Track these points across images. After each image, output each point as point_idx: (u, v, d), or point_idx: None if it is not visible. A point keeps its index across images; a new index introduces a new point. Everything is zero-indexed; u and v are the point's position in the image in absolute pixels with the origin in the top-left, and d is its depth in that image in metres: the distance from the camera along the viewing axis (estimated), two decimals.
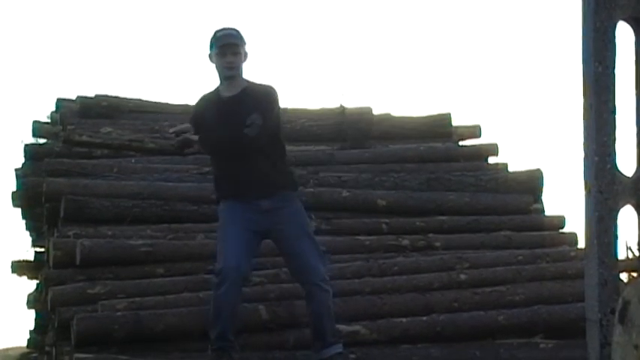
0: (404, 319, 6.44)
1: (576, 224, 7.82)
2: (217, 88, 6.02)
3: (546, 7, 18.46)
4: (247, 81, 5.96)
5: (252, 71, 6.14)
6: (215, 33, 5.89)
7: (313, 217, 7.21)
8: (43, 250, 8.26)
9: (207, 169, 7.80)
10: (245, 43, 5.88)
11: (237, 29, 5.91)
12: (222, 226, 5.93)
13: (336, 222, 7.38)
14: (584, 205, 3.49)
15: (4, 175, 8.58)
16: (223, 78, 5.92)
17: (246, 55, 5.89)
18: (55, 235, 7.18)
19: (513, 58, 18.51)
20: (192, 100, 9.53)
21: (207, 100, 6.03)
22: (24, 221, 8.50)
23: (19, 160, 8.33)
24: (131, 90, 13.15)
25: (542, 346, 6.41)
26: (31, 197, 7.83)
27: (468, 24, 19.17)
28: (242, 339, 6.10)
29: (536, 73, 19.64)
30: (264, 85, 5.99)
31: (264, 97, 5.89)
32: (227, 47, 5.81)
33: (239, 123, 5.77)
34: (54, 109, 9.18)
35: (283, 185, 5.96)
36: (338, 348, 5.89)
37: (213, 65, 5.92)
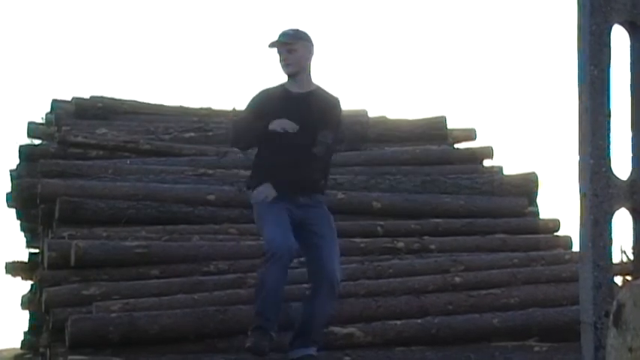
0: (399, 322, 6.43)
1: (571, 227, 7.84)
2: (282, 84, 6.14)
3: (542, 11, 18.47)
4: (316, 84, 6.12)
5: (253, 72, 6.17)
6: None
7: None
8: (37, 251, 8.26)
9: (202, 170, 7.81)
10: (306, 41, 6.04)
11: (298, 29, 6.09)
12: (265, 210, 5.95)
13: None
14: (579, 208, 3.49)
15: None
16: (286, 75, 6.09)
17: (309, 52, 6.06)
18: (50, 236, 7.17)
19: (509, 62, 18.52)
20: (187, 101, 9.57)
21: (272, 93, 6.13)
22: (19, 222, 8.49)
23: (14, 161, 8.33)
24: (126, 91, 13.16)
25: (536, 349, 6.41)
26: (25, 198, 7.82)
27: (463, 27, 19.19)
28: (238, 340, 6.10)
29: (531, 77, 19.66)
30: (333, 96, 6.17)
31: (333, 109, 6.12)
32: (280, 45, 6.02)
33: (309, 128, 5.93)
34: (49, 110, 9.18)
35: (320, 187, 6.10)
36: (312, 350, 5.89)
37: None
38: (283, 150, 5.93)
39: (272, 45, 6.06)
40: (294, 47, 6.00)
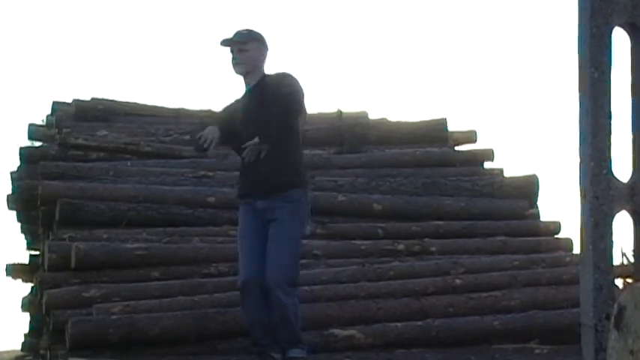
0: (399, 324, 6.43)
1: (572, 230, 7.84)
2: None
3: (542, 13, 18.48)
4: (264, 75, 6.01)
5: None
6: None
7: (309, 221, 7.21)
8: (38, 253, 8.26)
9: (202, 172, 7.82)
10: (258, 42, 5.96)
11: (251, 30, 6.01)
12: (240, 229, 5.96)
13: (331, 226, 7.38)
14: (579, 210, 3.48)
15: None
16: (237, 74, 6.01)
17: (261, 53, 5.96)
18: (50, 238, 7.17)
19: (509, 64, 18.53)
20: (187, 103, 9.58)
21: (240, 98, 6.10)
22: (19, 224, 8.49)
23: (15, 163, 8.33)
24: (127, 93, 13.17)
25: (537, 351, 6.41)
26: (26, 200, 7.83)
27: (464, 29, 19.19)
28: (238, 342, 6.10)
29: (532, 79, 19.67)
30: (280, 72, 6.03)
31: (283, 80, 5.92)
32: (232, 44, 5.95)
33: (264, 113, 5.78)
34: (50, 112, 9.19)
35: (284, 185, 5.85)
36: (296, 352, 5.82)
37: None
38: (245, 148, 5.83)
39: (224, 43, 5.97)
40: (245, 47, 5.92)
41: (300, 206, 5.89)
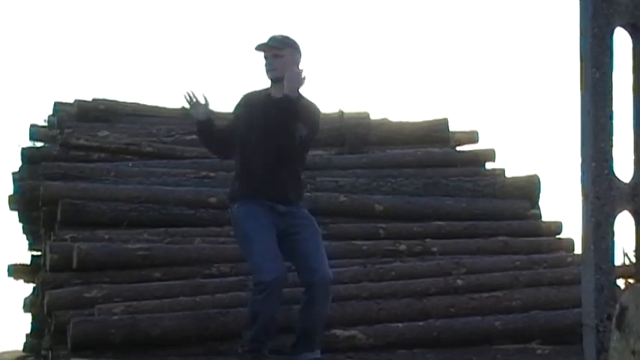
0: (400, 324, 6.43)
1: (573, 230, 7.83)
2: (267, 88, 6.10)
3: (544, 13, 18.48)
4: (301, 95, 6.01)
5: (255, 75, 6.17)
6: None
7: None
8: (39, 253, 8.26)
9: (204, 173, 7.81)
10: (293, 49, 5.99)
11: (288, 36, 6.05)
12: (250, 229, 5.89)
13: (333, 227, 7.37)
14: (581, 211, 3.48)
15: (1, 178, 8.58)
16: (269, 79, 6.04)
17: (297, 60, 5.99)
18: (52, 238, 7.17)
19: (511, 64, 18.53)
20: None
21: (254, 96, 6.10)
22: (21, 225, 8.49)
23: (16, 164, 8.33)
24: (128, 94, 13.17)
25: (538, 351, 6.41)
26: (28, 201, 7.83)
27: (465, 30, 19.20)
28: (239, 343, 6.10)
29: (533, 79, 19.66)
30: (311, 102, 6.10)
31: (312, 113, 6.03)
32: (266, 49, 5.97)
33: (285, 131, 5.86)
34: (51, 112, 9.19)
35: (299, 194, 6.08)
36: (317, 354, 5.89)
37: None
38: (259, 155, 5.89)
39: (259, 48, 5.99)
40: (280, 53, 5.94)
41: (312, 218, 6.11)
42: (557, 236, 7.90)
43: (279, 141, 5.85)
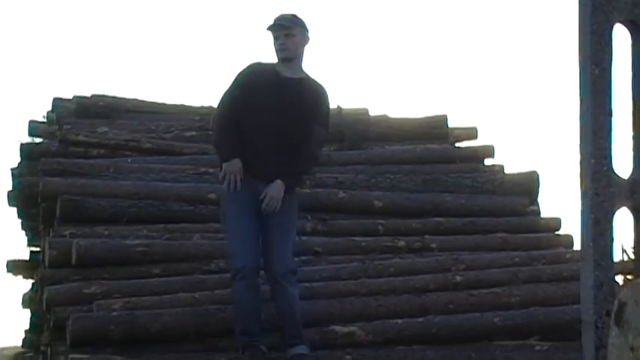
0: (399, 321, 6.43)
1: (572, 226, 7.83)
2: (274, 64, 6.02)
3: (543, 10, 18.47)
4: (305, 72, 6.00)
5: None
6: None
7: (309, 217, 7.22)
8: (38, 249, 8.26)
9: (203, 169, 7.81)
10: (303, 28, 5.96)
11: (295, 14, 6.01)
12: (231, 218, 5.88)
13: (332, 223, 7.37)
14: (580, 207, 3.49)
15: (0, 174, 8.58)
16: (279, 59, 5.97)
17: (305, 39, 5.97)
18: (51, 234, 7.17)
19: (510, 61, 18.53)
20: (188, 100, 9.58)
21: (263, 71, 6.00)
22: (20, 221, 8.49)
23: (15, 160, 8.33)
24: (128, 90, 13.16)
25: (537, 348, 6.41)
26: (27, 197, 7.82)
27: (465, 26, 19.19)
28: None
29: (532, 76, 19.66)
30: (322, 86, 6.04)
31: (323, 101, 5.99)
32: (278, 29, 5.92)
33: (296, 115, 5.81)
34: (50, 108, 9.18)
35: (291, 182, 5.96)
36: (301, 349, 5.86)
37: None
38: (260, 133, 5.82)
39: (271, 27, 5.93)
40: (292, 32, 5.91)
41: (297, 197, 6.02)
42: (556, 233, 7.90)
43: (283, 122, 5.81)
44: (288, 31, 5.91)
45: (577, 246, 6.92)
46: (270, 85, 5.90)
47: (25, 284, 9.06)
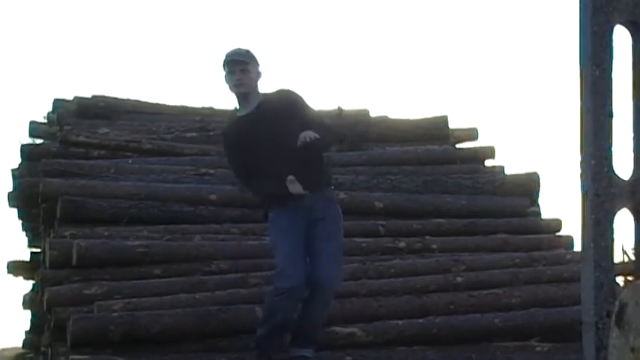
0: (400, 322, 6.44)
1: (573, 227, 7.84)
2: (235, 112, 6.08)
3: (544, 11, 18.48)
4: (263, 94, 5.98)
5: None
6: (226, 54, 5.97)
7: None
8: (39, 250, 8.26)
9: (203, 170, 7.81)
10: (257, 63, 5.96)
11: (248, 49, 5.99)
12: (279, 230, 5.84)
13: None
14: (580, 208, 3.48)
15: (0, 175, 8.59)
16: (236, 95, 5.98)
17: (259, 74, 5.97)
18: (52, 235, 7.17)
19: (511, 62, 18.54)
20: (189, 101, 9.59)
21: (233, 131, 6.03)
22: (20, 221, 8.50)
23: (16, 161, 8.34)
24: (128, 91, 13.18)
25: (538, 349, 6.41)
26: (27, 197, 7.83)
27: (465, 27, 19.20)
28: (240, 340, 6.10)
29: (533, 77, 19.67)
30: (279, 90, 6.02)
31: (292, 97, 5.94)
32: (234, 64, 5.90)
33: (279, 130, 5.79)
34: (51, 109, 9.19)
35: (322, 182, 5.95)
36: (307, 352, 5.87)
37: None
38: (268, 165, 5.81)
39: (226, 65, 5.89)
40: (247, 68, 5.90)
41: (339, 210, 5.99)
42: (557, 234, 7.91)
43: (278, 141, 5.80)
44: (244, 67, 5.90)
45: (577, 247, 6.93)
46: (247, 131, 5.91)
47: (26, 285, 9.08)
